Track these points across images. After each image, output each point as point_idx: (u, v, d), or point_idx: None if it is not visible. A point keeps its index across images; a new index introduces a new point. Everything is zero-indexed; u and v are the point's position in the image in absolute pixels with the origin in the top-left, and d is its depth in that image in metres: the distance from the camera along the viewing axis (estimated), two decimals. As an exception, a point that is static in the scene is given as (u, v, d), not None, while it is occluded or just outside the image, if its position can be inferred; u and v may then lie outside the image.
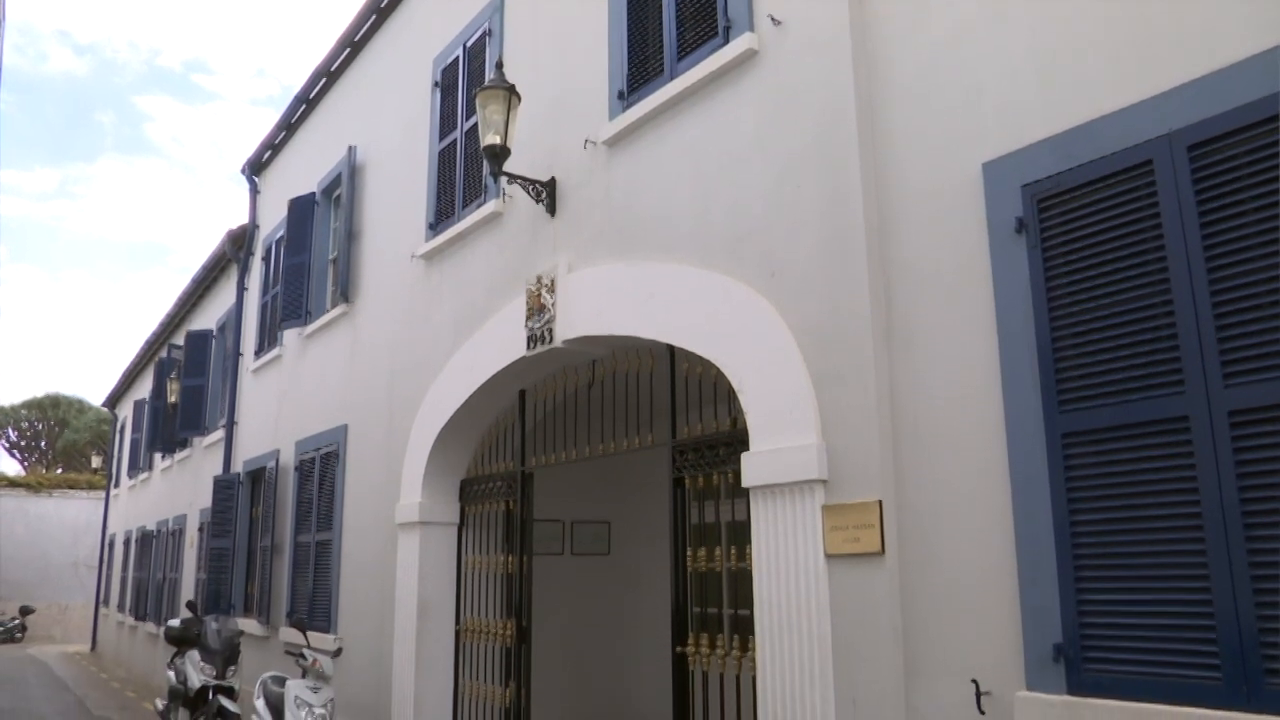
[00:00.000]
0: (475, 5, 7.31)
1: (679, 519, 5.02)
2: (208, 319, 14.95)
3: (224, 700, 8.16)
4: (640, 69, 5.41)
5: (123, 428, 21.74)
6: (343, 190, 9.46)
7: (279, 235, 11.18)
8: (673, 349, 5.09)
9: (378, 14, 9.14)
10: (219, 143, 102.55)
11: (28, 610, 25.34)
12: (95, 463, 31.95)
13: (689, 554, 4.92)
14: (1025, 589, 3.18)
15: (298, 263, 10.07)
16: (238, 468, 11.54)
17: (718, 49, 4.79)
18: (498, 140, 5.63)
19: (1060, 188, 3.24)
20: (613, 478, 8.63)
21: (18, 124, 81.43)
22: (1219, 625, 2.72)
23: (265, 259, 11.82)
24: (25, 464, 40.55)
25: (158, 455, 16.78)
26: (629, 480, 8.70)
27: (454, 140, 7.33)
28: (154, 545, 16.44)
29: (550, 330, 5.74)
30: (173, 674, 9.19)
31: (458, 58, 7.44)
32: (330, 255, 9.94)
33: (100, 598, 22.70)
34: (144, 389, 18.32)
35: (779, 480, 4.06)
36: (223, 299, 14.15)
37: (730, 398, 4.55)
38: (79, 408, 41.18)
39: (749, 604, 4.21)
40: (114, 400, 23.31)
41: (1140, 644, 2.89)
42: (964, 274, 3.54)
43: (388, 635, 7.26)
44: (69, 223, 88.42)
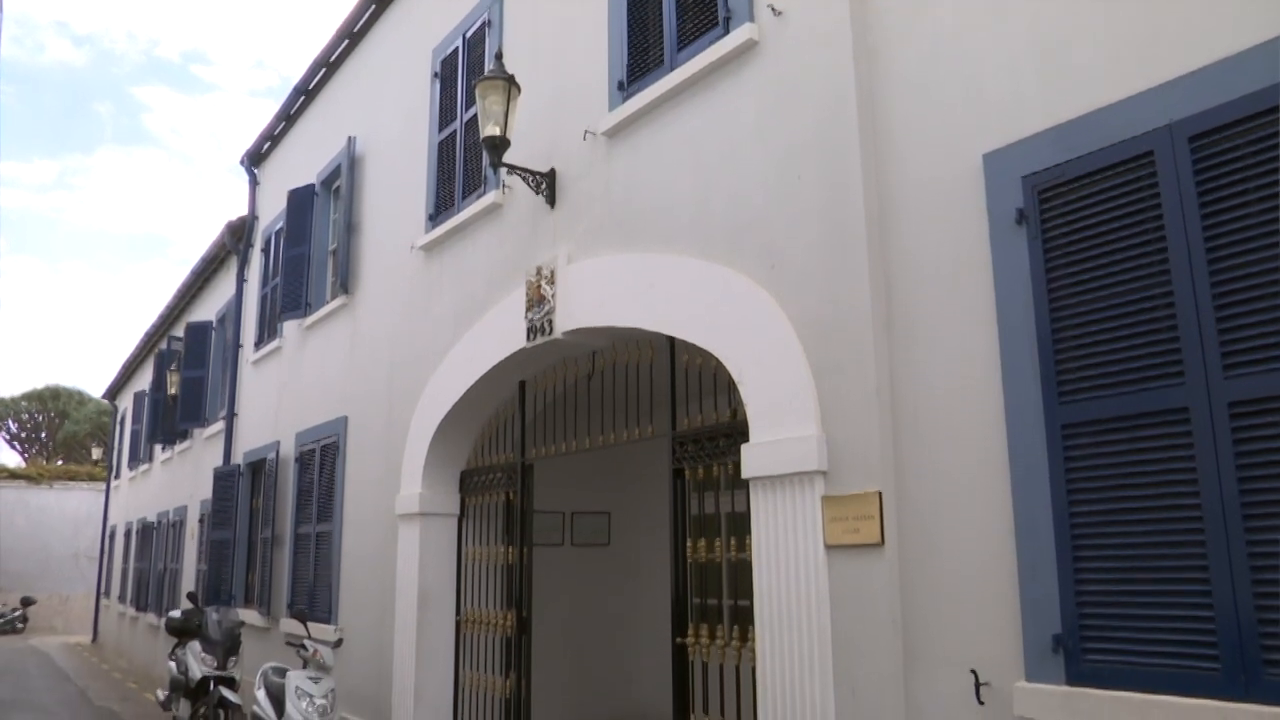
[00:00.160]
0: (474, -5, 7.29)
1: (679, 510, 5.03)
2: (207, 311, 14.95)
3: (225, 691, 8.19)
4: (640, 60, 5.40)
5: (123, 419, 21.76)
6: (342, 181, 9.45)
7: (278, 227, 11.17)
8: (673, 340, 5.09)
9: (377, 4, 9.11)
10: (218, 134, 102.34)
11: (29, 601, 25.31)
12: (95, 454, 31.98)
13: (689, 545, 4.93)
14: (1025, 580, 3.18)
15: (297, 254, 10.06)
16: (238, 459, 11.55)
17: (718, 39, 4.78)
18: (497, 131, 5.62)
19: (1061, 179, 3.23)
20: (613, 469, 8.65)
21: (16, 115, 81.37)
22: (1218, 616, 2.73)
23: (265, 250, 11.81)
24: (25, 456, 40.61)
25: (158, 447, 16.80)
26: (629, 471, 8.72)
27: (454, 131, 7.31)
28: (155, 537, 16.47)
29: (550, 322, 5.74)
30: (174, 665, 9.22)
31: (457, 48, 7.42)
32: (330, 246, 9.92)
33: (101, 589, 22.75)
34: (144, 381, 18.33)
35: (779, 471, 4.06)
36: (222, 291, 14.14)
37: (730, 389, 4.55)
38: (79, 399, 41.21)
39: (749, 595, 4.22)
40: (114, 392, 23.31)
41: (1139, 634, 2.90)
42: (964, 265, 3.54)
43: (388, 626, 7.28)
44: (68, 214, 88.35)
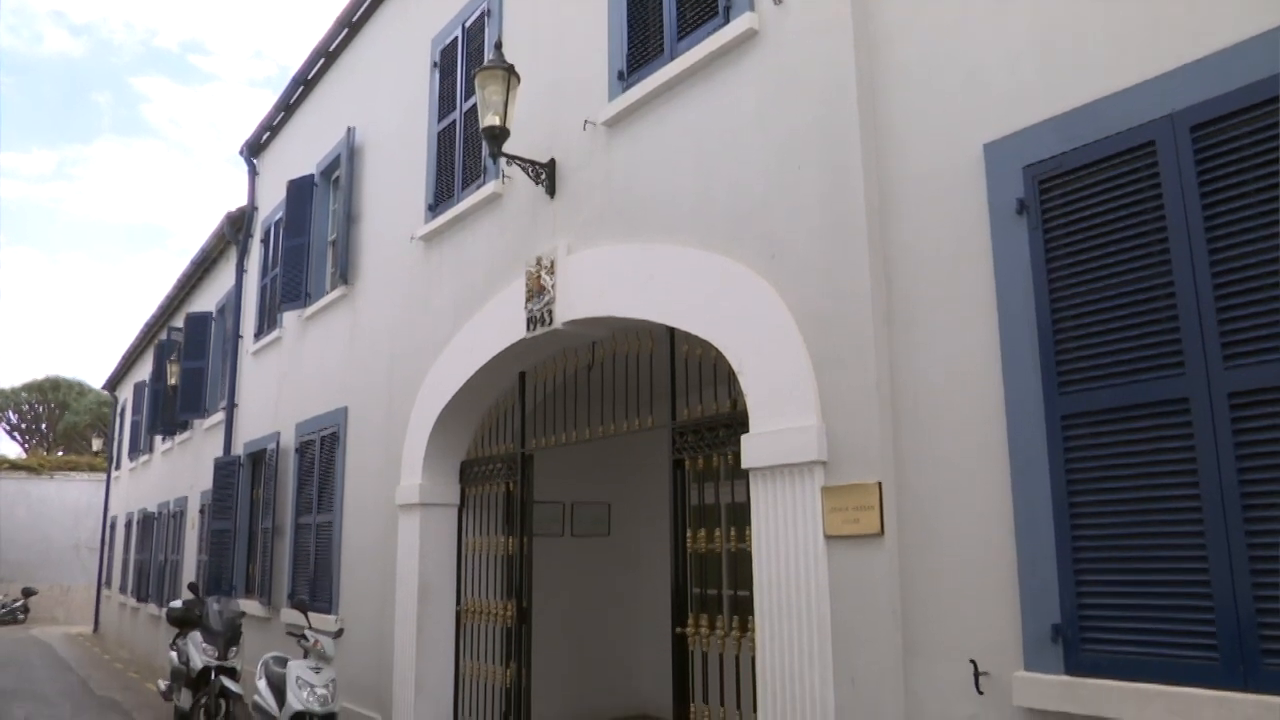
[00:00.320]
0: (474, -15, 7.27)
1: (679, 500, 5.03)
2: (207, 301, 14.93)
3: (226, 681, 8.21)
4: (640, 49, 5.38)
5: (123, 410, 21.76)
6: (341, 172, 9.43)
7: (278, 217, 11.15)
8: (673, 331, 5.08)
9: (376, -7, 9.09)
10: (217, 124, 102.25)
11: (30, 592, 25.45)
12: (96, 445, 32.02)
13: (689, 535, 4.94)
14: (1024, 570, 3.19)
15: (297, 245, 10.05)
16: (238, 450, 11.56)
17: (718, 29, 4.76)
18: (497, 121, 5.60)
19: (1062, 169, 3.23)
20: (613, 459, 8.66)
21: (14, 105, 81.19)
22: (1217, 606, 2.73)
23: (264, 241, 11.79)
24: (26, 446, 40.64)
25: (158, 437, 16.79)
26: (629, 462, 8.73)
27: (453, 121, 7.29)
28: (155, 527, 16.49)
29: (550, 312, 5.74)
30: (175, 655, 9.24)
31: (456, 38, 7.39)
32: (329, 237, 9.91)
33: (102, 579, 22.79)
34: (144, 371, 18.32)
35: (779, 462, 4.06)
36: (222, 281, 14.13)
37: (730, 379, 4.55)
38: (79, 390, 41.21)
39: (748, 585, 4.23)
40: (114, 383, 23.31)
41: (1138, 624, 2.90)
42: (964, 255, 3.53)
43: (389, 616, 7.29)
44: (67, 205, 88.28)
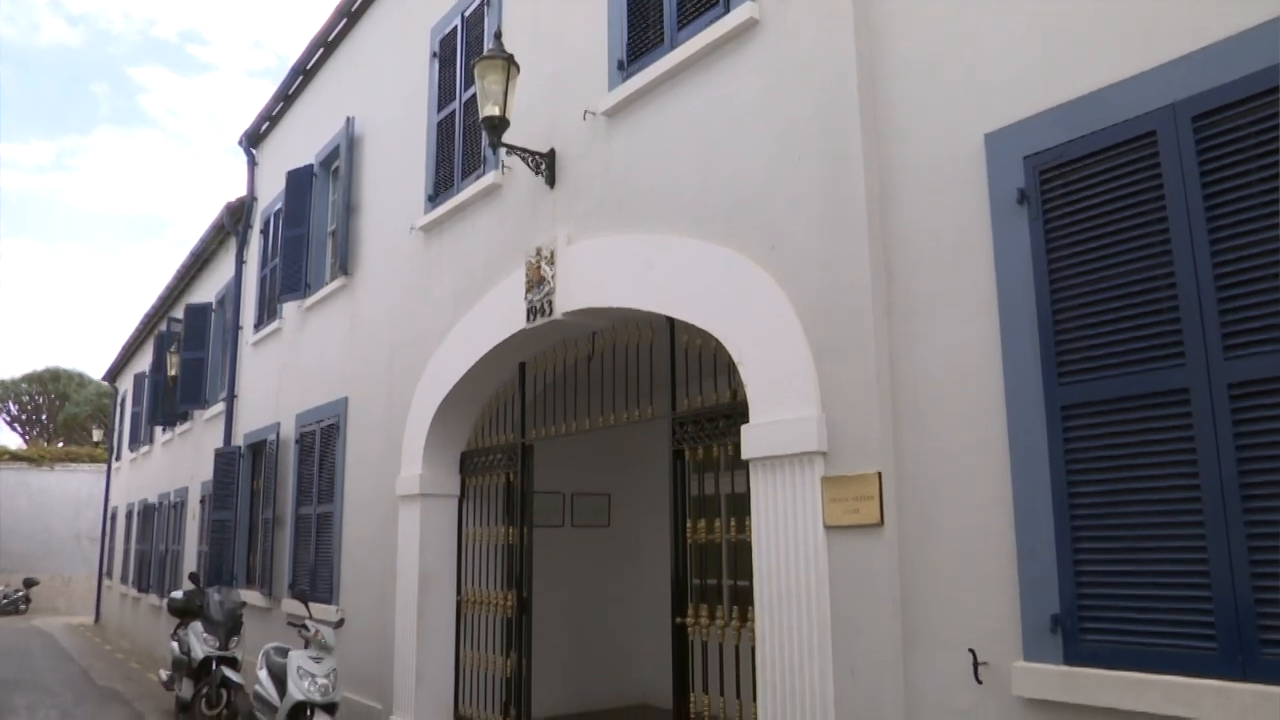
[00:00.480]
0: (473, -26, 7.24)
1: (679, 491, 5.04)
2: (207, 292, 14.92)
3: (227, 671, 8.24)
4: (640, 39, 5.36)
5: (123, 401, 21.77)
6: (341, 162, 9.41)
7: (277, 208, 11.13)
8: (673, 321, 5.08)
9: (374, -17, 9.05)
10: (215, 115, 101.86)
11: (31, 582, 25.52)
12: (96, 436, 32.06)
13: (689, 526, 4.95)
14: (1023, 560, 3.19)
15: (296, 235, 10.03)
16: (238, 441, 11.56)
17: (718, 18, 4.74)
18: (496, 111, 5.59)
19: (1063, 159, 3.22)
20: (613, 450, 8.66)
21: (12, 96, 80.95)
22: (1215, 596, 2.74)
23: (264, 232, 11.78)
24: (26, 437, 40.67)
25: (158, 428, 16.81)
26: (629, 452, 8.74)
27: (452, 111, 7.27)
28: (156, 518, 16.51)
29: (550, 302, 5.73)
30: (176, 645, 9.27)
31: (456, 27, 7.37)
32: (329, 227, 9.90)
33: (103, 570, 22.84)
34: (144, 362, 18.32)
35: (779, 452, 4.07)
36: (221, 272, 14.11)
37: (730, 370, 4.55)
38: (79, 381, 41.22)
39: (748, 575, 4.24)
40: (114, 374, 23.31)
41: (1137, 615, 2.91)
42: (965, 246, 3.53)
43: (389, 606, 7.31)
44: (66, 196, 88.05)
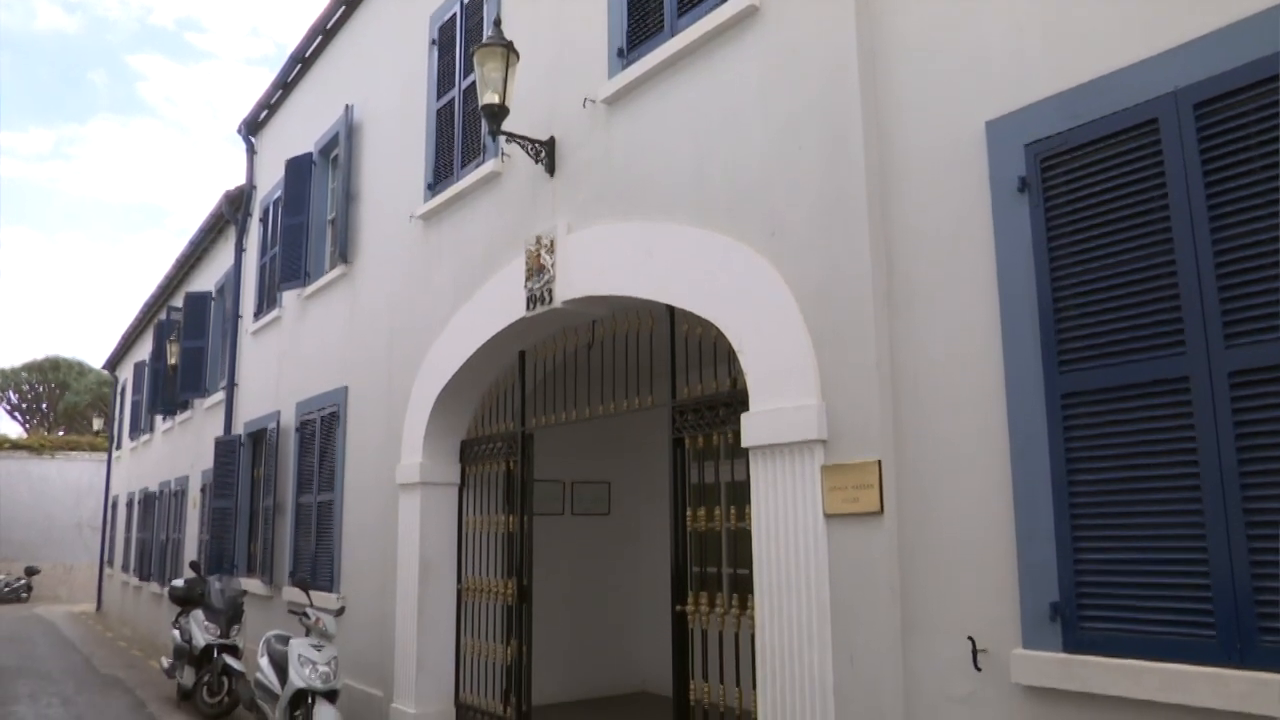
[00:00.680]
0: (472, -40, 7.20)
1: (679, 479, 5.04)
2: (206, 281, 14.91)
3: (228, 658, 8.28)
4: (640, 26, 5.34)
5: (123, 390, 21.78)
6: (340, 150, 9.38)
7: (276, 196, 11.10)
8: (672, 309, 5.08)
9: (373, -30, 9.01)
10: (214, 103, 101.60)
11: (33, 571, 25.59)
12: (97, 425, 32.12)
13: (689, 514, 4.95)
14: (1023, 548, 3.20)
15: (296, 224, 10.02)
16: (239, 429, 11.57)
17: (719, 5, 4.72)
18: (496, 99, 5.57)
19: (1064, 146, 3.21)
20: (613, 438, 8.67)
21: (9, 84, 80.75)
22: (1214, 584, 2.74)
23: (263, 220, 11.76)
24: (27, 426, 40.71)
25: (159, 417, 16.83)
26: (629, 441, 8.74)
27: (452, 99, 7.25)
28: (157, 506, 16.54)
29: (550, 291, 5.73)
30: (178, 633, 9.32)
31: (455, 14, 7.33)
32: (329, 216, 9.88)
33: (105, 558, 22.90)
34: (144, 351, 18.32)
35: (778, 440, 4.07)
36: (221, 260, 14.10)
37: (730, 358, 4.55)
38: (79, 370, 41.24)
39: (748, 563, 4.25)
40: (114, 362, 23.32)
41: (1136, 602, 2.91)
42: (965, 233, 3.52)
43: (390, 594, 7.33)
44: (64, 184, 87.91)
